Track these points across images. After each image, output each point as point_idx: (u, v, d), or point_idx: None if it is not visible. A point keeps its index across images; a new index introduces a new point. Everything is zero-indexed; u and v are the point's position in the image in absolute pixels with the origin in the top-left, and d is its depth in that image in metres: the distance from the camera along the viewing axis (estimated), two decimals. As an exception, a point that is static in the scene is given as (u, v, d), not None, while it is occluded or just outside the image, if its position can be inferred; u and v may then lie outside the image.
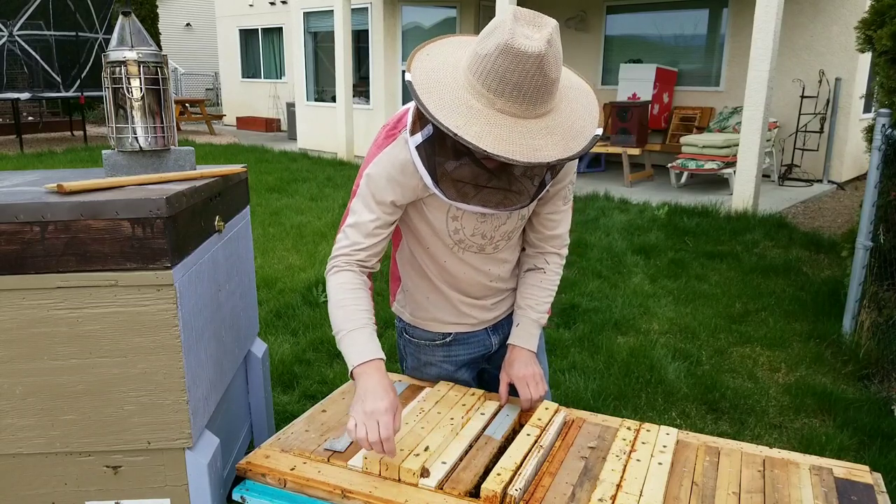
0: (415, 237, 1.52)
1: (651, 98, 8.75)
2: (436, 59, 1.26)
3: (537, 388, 1.52)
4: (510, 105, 1.16)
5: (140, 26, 1.70)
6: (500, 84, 1.14)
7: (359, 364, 1.31)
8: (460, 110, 1.16)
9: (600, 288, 4.48)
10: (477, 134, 1.13)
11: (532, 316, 1.58)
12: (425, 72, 1.23)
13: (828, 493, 1.26)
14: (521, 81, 1.14)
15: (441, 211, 1.43)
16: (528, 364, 1.54)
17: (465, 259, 1.51)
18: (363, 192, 1.39)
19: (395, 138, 1.37)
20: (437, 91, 1.19)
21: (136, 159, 1.73)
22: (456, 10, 10.46)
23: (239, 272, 2.00)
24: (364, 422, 1.24)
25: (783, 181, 8.42)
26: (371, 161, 1.39)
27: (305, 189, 7.78)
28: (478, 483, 1.27)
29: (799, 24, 8.35)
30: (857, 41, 3.99)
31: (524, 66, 1.12)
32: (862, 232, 3.52)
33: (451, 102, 1.17)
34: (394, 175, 1.35)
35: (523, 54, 1.12)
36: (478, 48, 1.18)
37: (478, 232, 1.46)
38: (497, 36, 1.14)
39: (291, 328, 3.76)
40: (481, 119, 1.15)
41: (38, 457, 1.47)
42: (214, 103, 18.84)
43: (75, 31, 11.61)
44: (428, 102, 1.17)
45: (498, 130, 1.15)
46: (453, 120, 1.14)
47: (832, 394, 3.03)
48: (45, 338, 1.40)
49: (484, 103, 1.16)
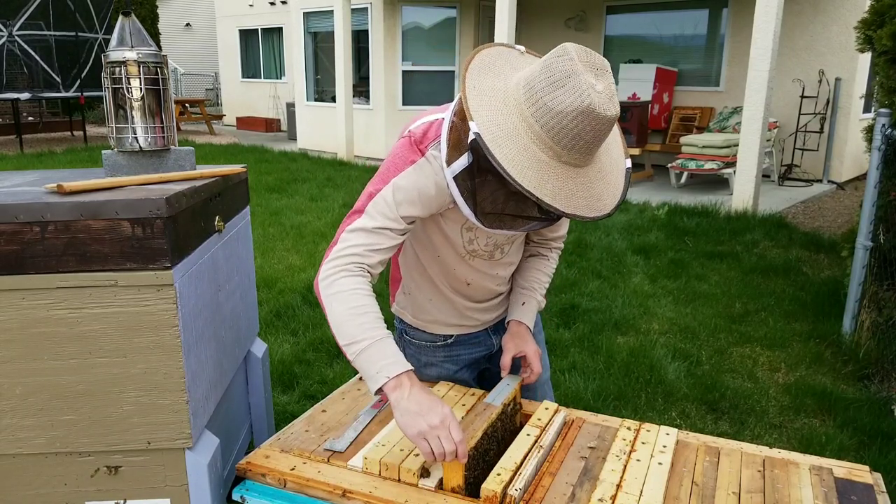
0: (424, 245, 1.51)
1: (651, 98, 8.75)
2: (487, 94, 1.20)
3: (541, 364, 1.59)
4: (575, 157, 1.17)
5: (140, 26, 1.70)
6: (571, 140, 1.14)
7: (399, 374, 1.24)
8: (531, 165, 1.14)
9: (600, 288, 4.48)
10: (552, 193, 1.14)
11: (537, 297, 1.64)
12: (487, 116, 1.17)
13: (828, 493, 1.26)
14: (593, 139, 1.15)
15: (457, 223, 1.43)
16: (533, 341, 1.61)
17: (475, 265, 1.52)
18: (387, 202, 1.32)
19: (423, 153, 1.32)
20: (506, 143, 1.14)
21: (136, 159, 1.73)
22: (456, 10, 10.46)
23: (239, 272, 2.00)
24: (437, 436, 1.20)
25: (783, 181, 8.42)
26: (398, 172, 1.32)
27: (305, 189, 7.78)
28: (476, 466, 1.27)
29: (799, 24, 8.35)
30: (857, 41, 3.99)
31: (600, 128, 1.14)
32: (862, 232, 3.52)
33: (521, 157, 1.14)
34: (426, 192, 1.32)
35: (603, 118, 1.12)
36: (545, 99, 1.13)
37: (490, 242, 1.48)
38: (572, 93, 1.11)
39: (291, 328, 3.76)
40: (551, 175, 1.15)
41: (38, 457, 1.47)
42: (214, 103, 18.84)
43: (75, 31, 11.61)
44: (501, 158, 1.13)
45: (568, 187, 1.17)
46: (529, 179, 1.13)
47: (832, 394, 3.03)
48: (45, 338, 1.40)
49: (551, 156, 1.16)
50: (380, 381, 1.24)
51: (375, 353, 1.25)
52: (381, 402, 1.59)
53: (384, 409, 1.57)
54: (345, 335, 1.27)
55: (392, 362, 1.25)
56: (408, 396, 1.22)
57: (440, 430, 1.20)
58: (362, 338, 1.26)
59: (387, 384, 1.23)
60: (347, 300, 1.28)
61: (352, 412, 1.57)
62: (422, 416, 1.21)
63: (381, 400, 1.60)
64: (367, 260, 1.32)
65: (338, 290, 1.29)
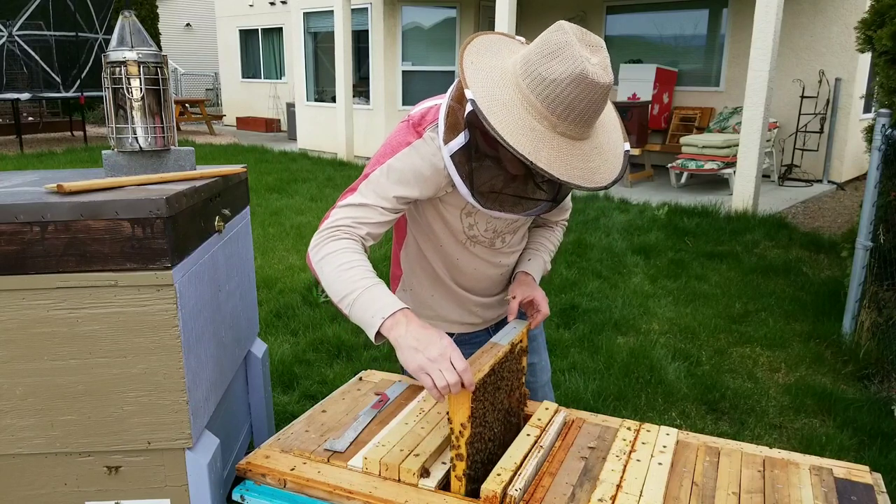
0: (426, 235, 1.52)
1: (651, 98, 8.75)
2: (483, 69, 1.22)
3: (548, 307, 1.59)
4: (571, 128, 1.18)
5: (140, 26, 1.70)
6: (565, 110, 1.16)
7: (395, 311, 1.21)
8: (526, 133, 1.16)
9: (600, 288, 4.48)
10: (547, 160, 1.15)
11: (545, 257, 1.66)
12: (483, 87, 1.19)
13: (828, 494, 1.26)
14: (586, 108, 1.17)
15: (457, 208, 1.44)
16: (540, 289, 1.60)
17: (476, 252, 1.53)
18: (380, 182, 1.34)
19: (421, 135, 1.35)
20: (501, 112, 1.16)
21: (136, 159, 1.73)
22: (456, 11, 10.46)
23: (239, 272, 2.00)
24: (438, 368, 1.16)
25: (783, 181, 8.42)
26: (395, 153, 1.35)
27: (305, 189, 7.78)
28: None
29: (799, 24, 8.35)
30: (857, 41, 3.99)
31: (593, 96, 1.15)
32: (862, 232, 3.52)
33: (517, 125, 1.16)
34: (422, 172, 1.34)
35: (596, 85, 1.14)
36: (541, 69, 1.16)
37: (490, 227, 1.49)
38: (566, 62, 1.13)
39: (291, 328, 3.76)
40: (547, 144, 1.17)
41: (38, 457, 1.47)
42: (214, 103, 18.84)
43: (75, 31, 11.61)
44: (497, 125, 1.15)
45: (564, 156, 1.18)
46: (524, 145, 1.14)
47: (832, 394, 3.03)
48: (44, 338, 1.40)
49: (546, 126, 1.18)
50: (376, 324, 1.21)
51: (368, 300, 1.24)
52: (381, 402, 1.59)
53: (384, 409, 1.57)
54: (337, 292, 1.27)
55: (385, 304, 1.23)
56: (405, 333, 1.20)
57: (441, 363, 1.16)
58: (353, 289, 1.25)
59: (383, 325, 1.21)
60: (335, 259, 1.29)
61: (352, 412, 1.57)
62: (420, 350, 1.18)
63: (381, 400, 1.60)
64: (357, 231, 1.34)
65: (326, 252, 1.30)
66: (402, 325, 1.20)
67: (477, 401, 1.25)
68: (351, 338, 3.58)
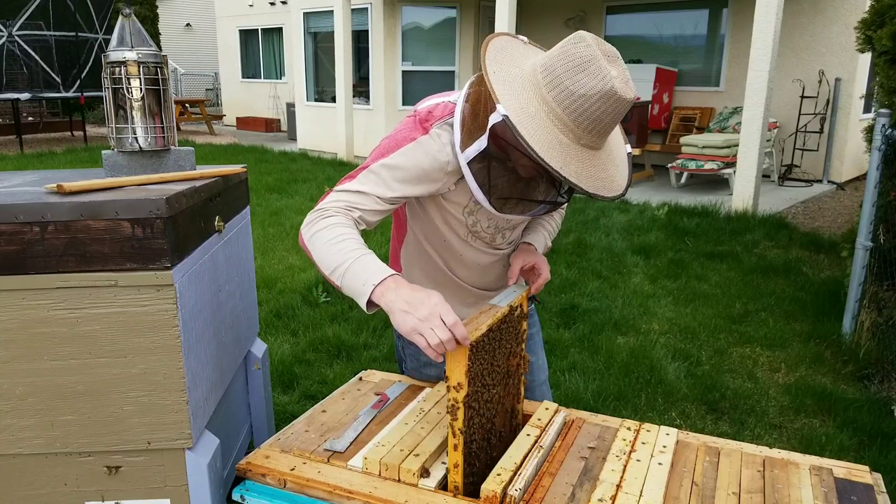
0: (429, 231, 1.52)
1: (651, 98, 8.74)
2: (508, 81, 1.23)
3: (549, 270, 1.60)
4: (592, 140, 1.23)
5: (140, 26, 1.70)
6: (591, 123, 1.20)
7: (385, 278, 1.21)
8: (555, 147, 1.19)
9: (600, 288, 4.48)
10: (576, 174, 1.20)
11: (547, 229, 1.68)
12: (512, 100, 1.20)
13: (828, 494, 1.26)
14: (610, 123, 1.21)
15: (459, 206, 1.45)
16: (542, 256, 1.62)
17: (478, 247, 1.54)
18: (380, 174, 1.34)
19: (427, 132, 1.35)
20: (531, 125, 1.18)
21: (136, 159, 1.73)
22: (456, 11, 10.46)
23: (239, 272, 2.00)
24: (430, 327, 1.14)
25: (783, 181, 8.42)
26: (399, 147, 1.34)
27: (305, 189, 7.78)
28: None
29: (799, 24, 8.35)
30: (857, 41, 3.99)
31: (618, 110, 1.19)
32: (862, 232, 3.52)
33: (546, 139, 1.18)
34: (425, 169, 1.34)
35: (623, 101, 1.18)
36: (568, 83, 1.17)
37: (492, 224, 1.51)
38: (594, 78, 1.16)
39: (291, 328, 3.76)
40: (574, 157, 1.21)
41: (38, 457, 1.47)
42: (214, 103, 18.84)
43: (75, 31, 11.60)
44: (529, 139, 1.16)
45: (588, 168, 1.22)
46: (555, 160, 1.18)
47: (832, 394, 3.03)
48: (45, 338, 1.40)
49: (571, 139, 1.21)
50: (367, 292, 1.21)
51: (358, 270, 1.23)
52: (381, 402, 1.59)
53: (384, 409, 1.57)
54: (328, 265, 1.27)
55: (375, 271, 1.22)
56: (396, 298, 1.19)
57: (432, 321, 1.15)
58: (343, 260, 1.24)
59: (374, 293, 1.20)
60: (326, 234, 1.29)
61: (352, 412, 1.57)
62: (411, 312, 1.17)
63: (381, 400, 1.60)
64: (351, 213, 1.33)
65: (317, 228, 1.30)
66: (393, 291, 1.20)
67: (474, 359, 1.24)
68: (351, 338, 3.58)
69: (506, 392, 1.43)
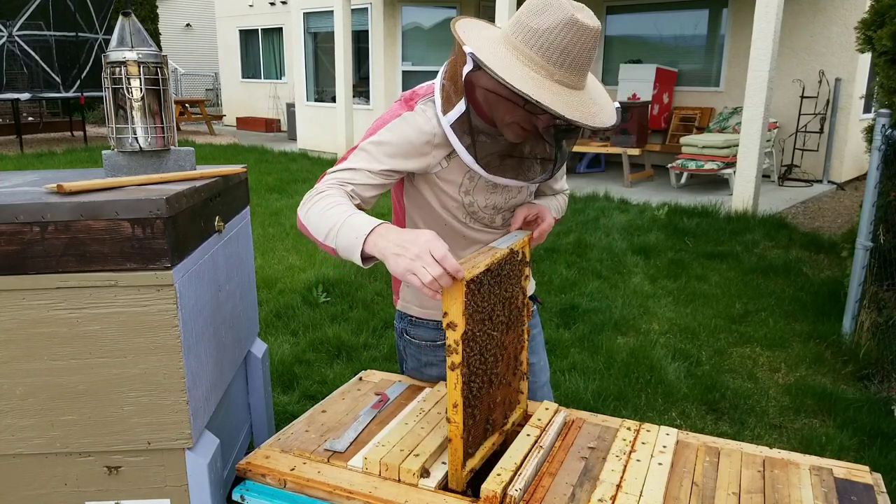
0: (428, 217, 1.52)
1: (651, 98, 8.75)
2: (477, 37, 1.30)
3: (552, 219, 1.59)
4: (566, 76, 1.24)
5: (140, 26, 1.70)
6: (560, 56, 1.22)
7: (375, 226, 1.21)
8: (527, 81, 1.21)
9: (600, 288, 4.48)
10: (550, 99, 1.20)
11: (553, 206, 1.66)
12: (480, 43, 1.26)
13: (828, 494, 1.26)
14: (579, 54, 1.23)
15: (454, 186, 1.46)
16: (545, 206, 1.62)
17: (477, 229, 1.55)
18: (369, 150, 1.37)
19: (412, 109, 1.40)
20: (500, 66, 1.22)
21: (136, 159, 1.73)
22: (456, 11, 10.47)
23: (239, 272, 2.00)
24: (422, 265, 1.12)
25: (783, 181, 8.43)
26: (385, 125, 1.39)
27: (305, 189, 7.73)
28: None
29: (799, 24, 8.35)
30: (857, 41, 3.99)
31: (585, 40, 1.22)
32: (862, 232, 3.52)
33: (517, 74, 1.21)
34: (412, 141, 1.38)
35: (587, 28, 1.21)
36: (532, 24, 1.23)
37: (489, 203, 1.51)
38: (556, 12, 1.21)
39: (291, 328, 3.76)
40: (546, 88, 1.22)
41: (38, 457, 1.47)
42: (214, 104, 18.84)
43: (75, 31, 11.61)
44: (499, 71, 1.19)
45: (563, 98, 1.23)
46: (527, 88, 1.19)
47: (832, 394, 3.03)
48: (44, 338, 1.40)
49: (543, 75, 1.24)
50: (359, 244, 1.20)
51: (350, 227, 1.23)
52: (381, 402, 1.59)
53: (384, 409, 1.57)
54: (321, 230, 1.27)
55: (365, 223, 1.22)
56: (387, 243, 1.18)
57: (423, 258, 1.13)
58: (335, 222, 1.25)
59: (366, 243, 1.20)
60: (318, 206, 1.30)
61: (352, 412, 1.57)
62: (402, 254, 1.15)
63: (381, 400, 1.60)
64: (344, 188, 1.35)
65: (311, 205, 1.32)
66: (383, 237, 1.19)
67: (472, 297, 1.23)
68: (351, 338, 3.58)
69: (509, 338, 1.42)
